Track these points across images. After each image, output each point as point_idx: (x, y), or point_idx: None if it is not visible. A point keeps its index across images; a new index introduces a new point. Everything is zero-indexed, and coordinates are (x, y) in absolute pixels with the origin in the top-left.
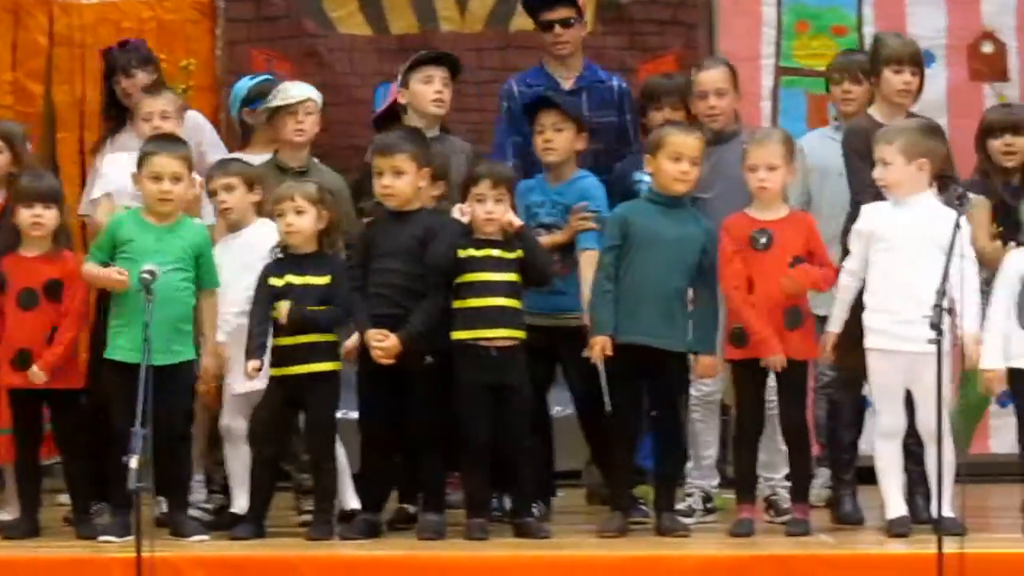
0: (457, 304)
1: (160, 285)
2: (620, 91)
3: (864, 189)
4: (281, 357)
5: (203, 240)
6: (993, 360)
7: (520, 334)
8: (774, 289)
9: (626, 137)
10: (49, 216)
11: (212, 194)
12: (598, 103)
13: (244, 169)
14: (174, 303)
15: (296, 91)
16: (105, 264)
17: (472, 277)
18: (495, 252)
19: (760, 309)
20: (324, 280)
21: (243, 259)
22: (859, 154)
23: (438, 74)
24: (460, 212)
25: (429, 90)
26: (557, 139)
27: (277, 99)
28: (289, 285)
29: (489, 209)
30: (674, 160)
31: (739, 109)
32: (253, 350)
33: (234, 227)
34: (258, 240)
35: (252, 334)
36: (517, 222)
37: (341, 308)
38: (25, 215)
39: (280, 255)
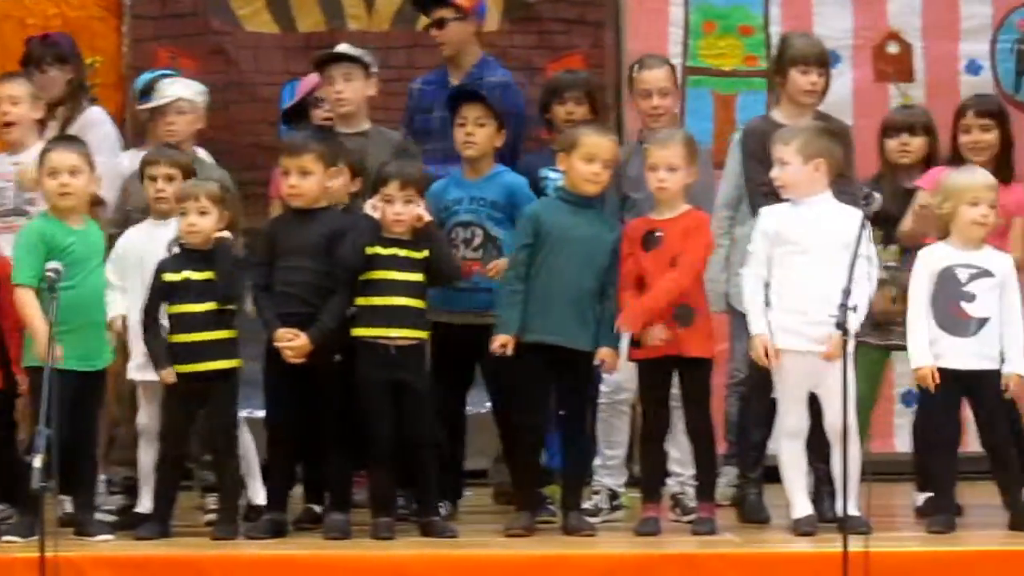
0: (360, 301)
1: (86, 288)
2: (508, 87)
3: (756, 190)
4: (179, 354)
5: (98, 240)
6: (921, 358)
7: (422, 334)
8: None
9: (521, 140)
10: None
11: (152, 180)
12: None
13: (181, 159)
14: (99, 305)
15: (169, 91)
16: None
17: (377, 275)
18: (401, 252)
19: (654, 307)
20: (211, 275)
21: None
22: (754, 157)
23: (337, 73)
24: (372, 208)
25: (331, 91)
26: (479, 133)
27: (155, 99)
28: (188, 280)
29: (397, 211)
30: (587, 161)
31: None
32: (162, 358)
33: (163, 216)
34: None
35: (151, 339)
36: (426, 217)
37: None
38: None
39: (177, 250)
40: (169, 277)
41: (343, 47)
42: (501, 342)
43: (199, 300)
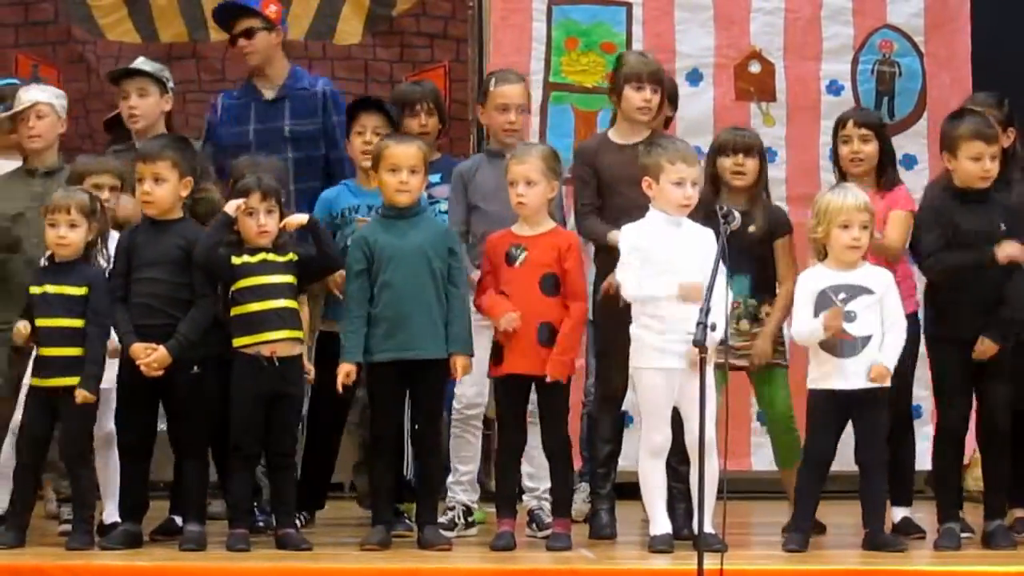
0: (236, 311)
1: None
2: (325, 95)
3: (580, 208)
4: (40, 367)
5: None
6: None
7: (299, 334)
8: (525, 304)
9: (332, 139)
10: None
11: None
12: (301, 111)
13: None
14: None
15: (26, 96)
16: None
17: (250, 281)
18: (269, 256)
19: (574, 349)
20: (81, 291)
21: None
22: (581, 178)
23: (132, 88)
24: (233, 208)
25: (125, 105)
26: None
27: (16, 105)
28: (45, 294)
29: (262, 222)
30: (392, 171)
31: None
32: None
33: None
34: None
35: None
36: (301, 219)
37: (101, 317)
38: None
39: (46, 263)
40: (33, 290)
41: (139, 62)
42: (345, 371)
43: (64, 315)
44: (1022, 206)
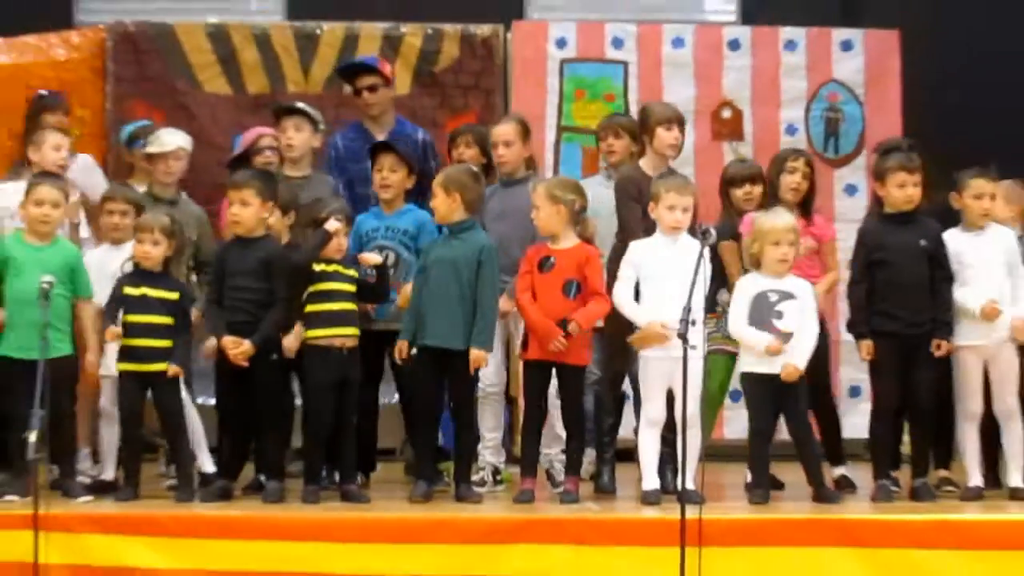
0: (310, 308)
1: (38, 290)
2: (424, 143)
3: (631, 227)
4: (128, 355)
5: (75, 257)
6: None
7: (356, 331)
8: (549, 302)
9: (430, 178)
10: None
11: (109, 214)
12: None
13: (137, 197)
14: (54, 309)
15: (169, 140)
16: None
17: (325, 286)
18: (339, 268)
19: (591, 320)
20: (174, 295)
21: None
22: (631, 197)
23: (289, 123)
24: (334, 228)
25: (284, 137)
26: (392, 178)
27: (153, 145)
28: (144, 296)
29: (341, 241)
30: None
31: (535, 158)
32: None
33: (118, 243)
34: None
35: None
36: (377, 259)
37: (185, 320)
38: None
39: (132, 269)
40: (128, 291)
41: (299, 103)
42: (398, 346)
43: (157, 313)
44: (935, 226)
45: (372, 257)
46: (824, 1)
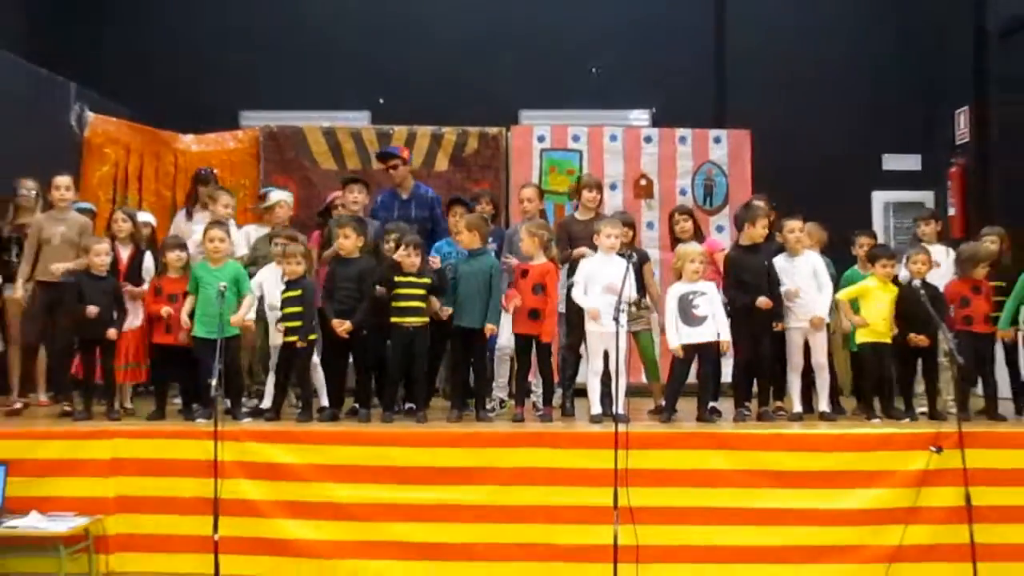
0: (394, 304)
1: (217, 294)
2: (431, 198)
3: (562, 256)
4: (287, 332)
5: (239, 271)
6: (674, 342)
7: (424, 320)
8: (525, 298)
9: (436, 219)
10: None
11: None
12: (422, 205)
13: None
14: (227, 304)
15: (275, 196)
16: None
17: (401, 291)
18: (411, 278)
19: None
20: (299, 293)
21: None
22: (561, 238)
23: (355, 187)
24: (399, 256)
25: (351, 198)
26: (462, 223)
27: (268, 200)
28: (289, 297)
29: (412, 260)
30: (461, 232)
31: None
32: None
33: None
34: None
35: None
36: (438, 263)
37: (309, 305)
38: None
39: (284, 280)
40: (286, 292)
41: (358, 176)
42: (446, 313)
43: (294, 305)
44: (771, 252)
45: (435, 262)
46: (703, 111)
